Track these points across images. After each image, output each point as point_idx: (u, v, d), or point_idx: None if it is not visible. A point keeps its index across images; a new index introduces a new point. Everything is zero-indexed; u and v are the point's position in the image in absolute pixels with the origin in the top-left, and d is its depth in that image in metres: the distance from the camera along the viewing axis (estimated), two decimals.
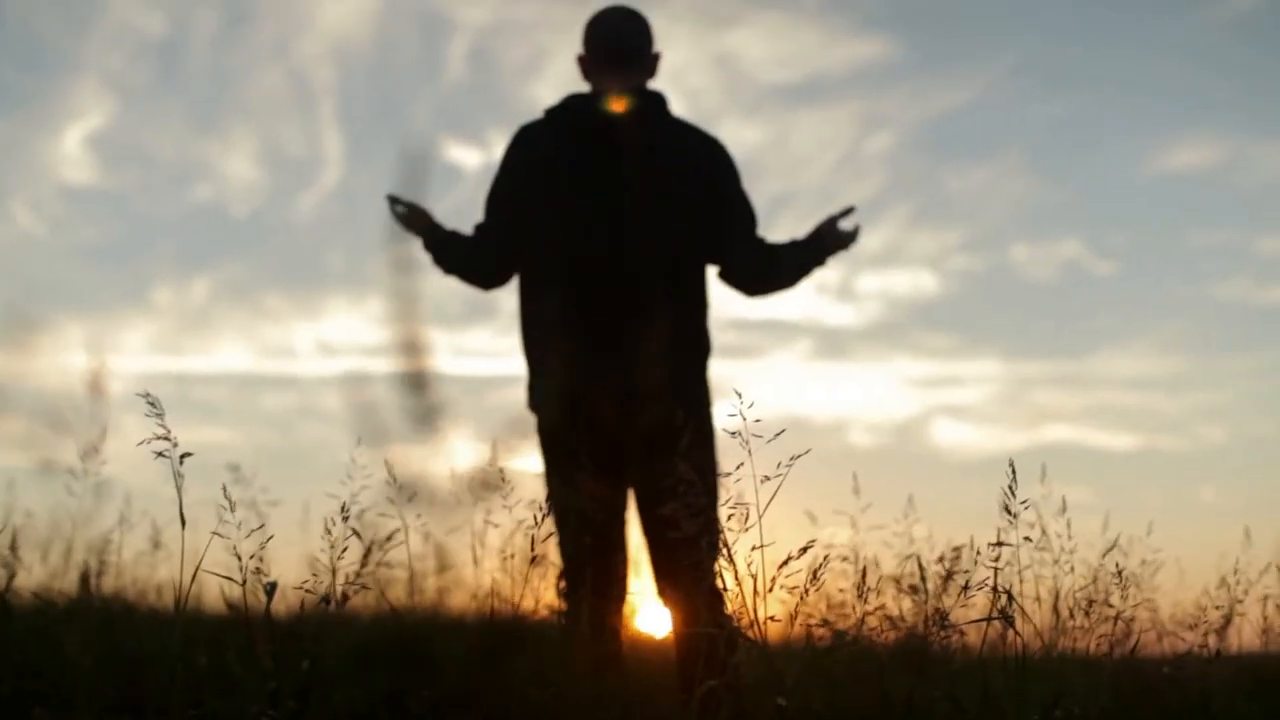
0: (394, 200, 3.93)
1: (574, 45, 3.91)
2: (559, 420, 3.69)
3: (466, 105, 11.28)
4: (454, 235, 3.91)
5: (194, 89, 11.36)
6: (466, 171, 10.73)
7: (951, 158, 12.09)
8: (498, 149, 3.88)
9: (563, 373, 3.69)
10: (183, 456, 2.74)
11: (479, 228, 3.87)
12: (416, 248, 3.92)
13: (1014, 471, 3.07)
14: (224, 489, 2.87)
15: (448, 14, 11.30)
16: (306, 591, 3.05)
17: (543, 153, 3.81)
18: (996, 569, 3.07)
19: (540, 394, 3.76)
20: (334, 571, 3.05)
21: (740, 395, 4.32)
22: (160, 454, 2.73)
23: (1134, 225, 11.79)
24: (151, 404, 2.76)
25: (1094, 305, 11.70)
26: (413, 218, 3.93)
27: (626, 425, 3.60)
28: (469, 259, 3.90)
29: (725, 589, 3.19)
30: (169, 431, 2.74)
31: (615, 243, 3.71)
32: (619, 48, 3.87)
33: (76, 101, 11.21)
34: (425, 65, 11.42)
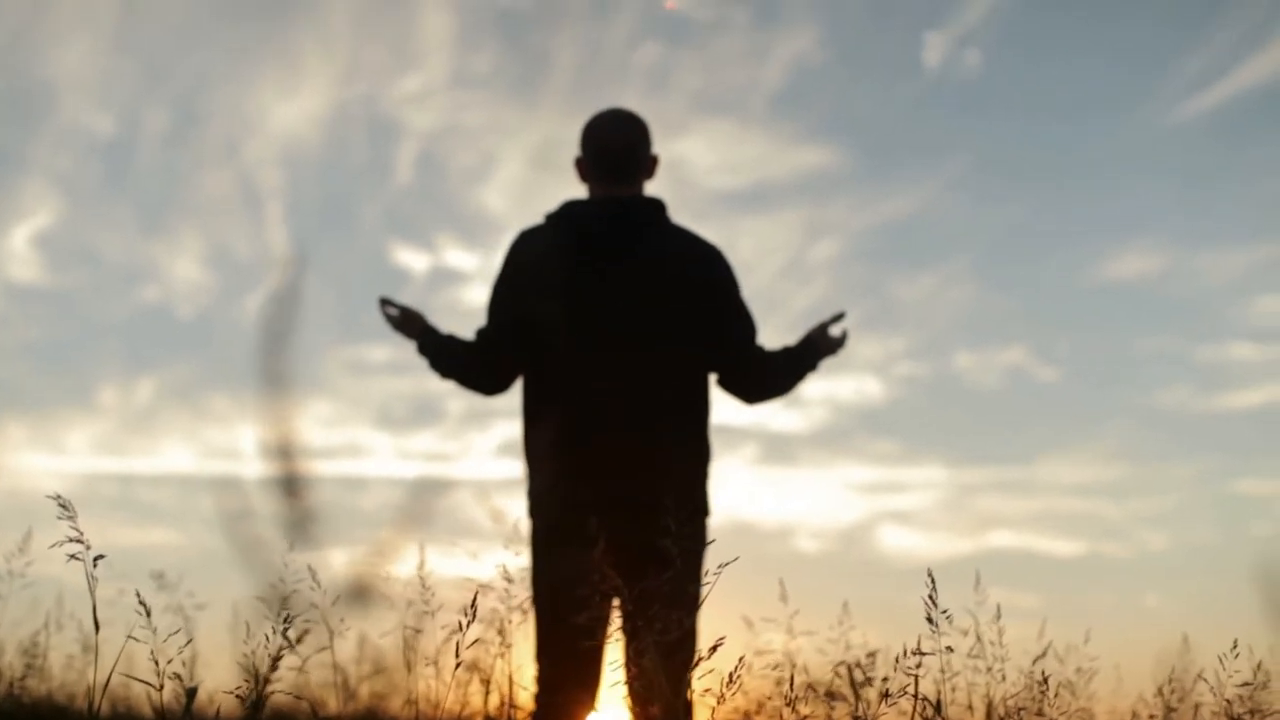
0: (386, 302, 3.92)
1: (522, 150, 3.95)
2: (559, 528, 3.67)
3: (415, 209, 11.32)
4: (451, 339, 3.90)
5: (142, 189, 11.37)
6: (414, 275, 10.76)
7: (897, 265, 12.19)
8: (446, 252, 3.91)
9: (564, 480, 3.67)
10: (96, 559, 2.71)
11: (480, 333, 3.86)
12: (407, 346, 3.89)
13: (933, 581, 3.08)
14: (138, 595, 2.84)
15: (397, 118, 11.36)
16: (234, 695, 3.02)
17: (543, 258, 3.80)
18: (916, 676, 3.07)
19: (541, 501, 3.74)
20: (259, 676, 3.02)
21: None
22: (73, 556, 2.71)
23: (1077, 332, 11.90)
24: (64, 506, 2.74)
25: (1038, 412, 11.77)
26: (405, 321, 3.92)
27: (627, 533, 3.55)
28: (469, 364, 3.88)
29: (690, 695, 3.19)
30: (81, 534, 2.72)
31: (616, 349, 3.71)
32: (616, 153, 3.88)
33: (24, 200, 11.19)
34: (374, 168, 11.47)
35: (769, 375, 3.94)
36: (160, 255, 11.42)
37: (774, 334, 4.01)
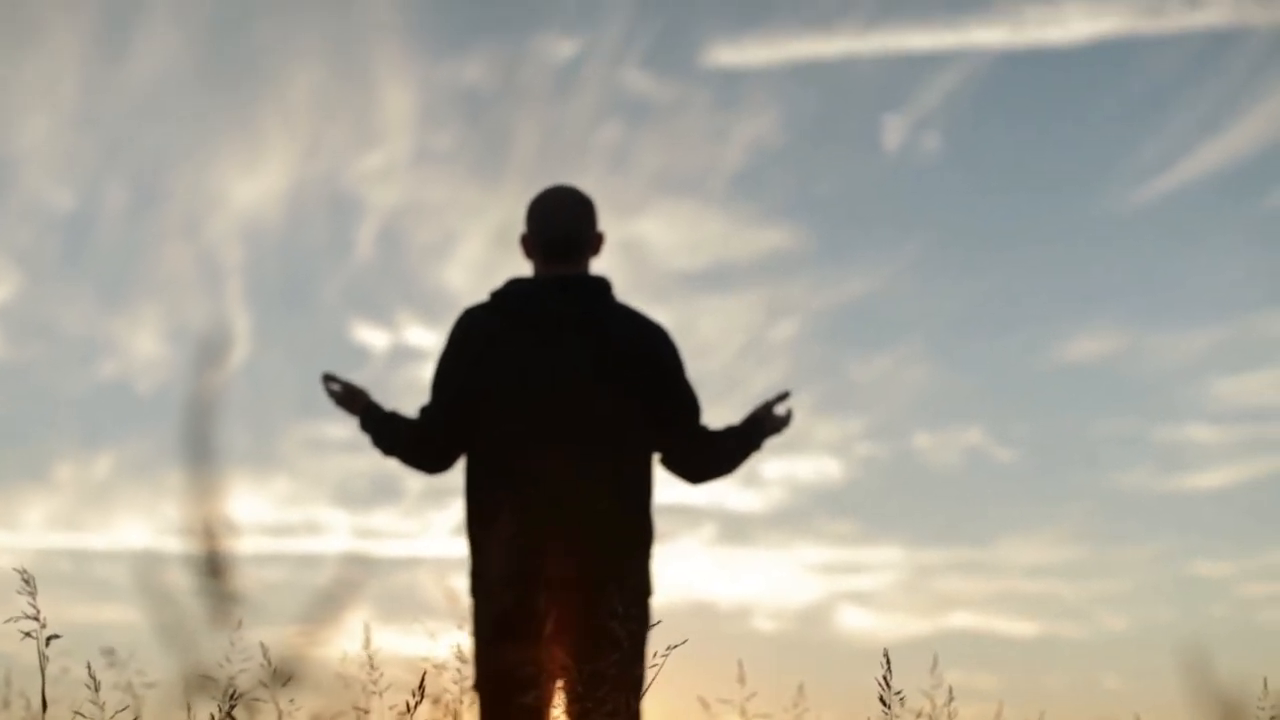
0: (329, 379, 3.91)
1: (483, 228, 3.96)
2: (502, 609, 3.66)
3: (375, 286, 11.32)
4: (393, 416, 3.88)
5: (102, 264, 11.34)
6: (374, 352, 10.75)
7: (856, 345, 12.24)
8: (406, 330, 3.91)
9: (508, 560, 3.66)
10: (49, 638, 2.70)
11: (423, 410, 3.84)
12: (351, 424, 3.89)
13: (888, 662, 3.09)
14: (89, 669, 2.83)
15: (358, 195, 11.38)
16: None
17: (487, 337, 3.79)
18: None
19: (485, 581, 3.73)
20: None
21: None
22: (28, 634, 2.70)
23: (1035, 413, 11.96)
24: (26, 581, 2.73)
25: (996, 493, 11.80)
26: (348, 397, 3.91)
27: (573, 614, 3.55)
28: (411, 442, 3.86)
29: None
30: (38, 611, 2.70)
31: (559, 429, 3.69)
32: (561, 231, 3.88)
33: None
34: (334, 245, 11.47)
35: (713, 455, 3.94)
36: (119, 330, 11.38)
37: (733, 414, 4.01)
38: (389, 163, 11.32)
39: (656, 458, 3.88)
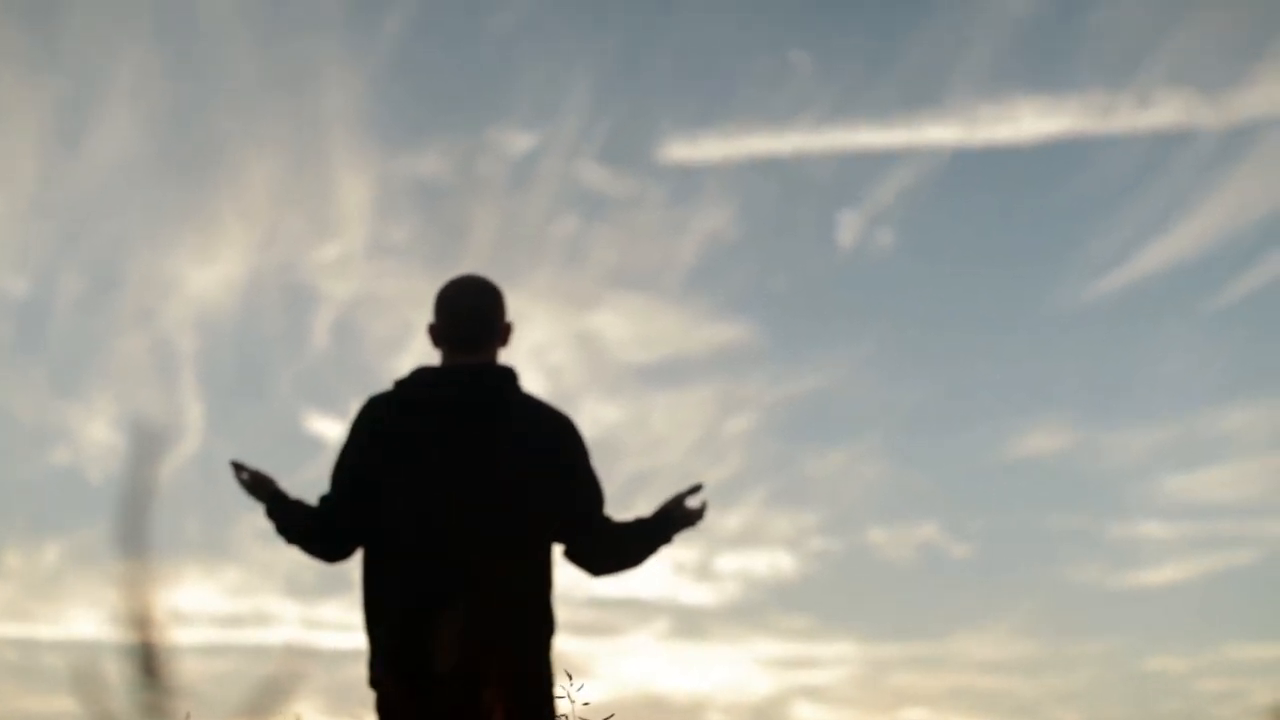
0: (238, 467, 3.89)
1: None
2: (398, 700, 3.62)
3: (329, 376, 11.30)
4: (298, 505, 3.86)
5: (56, 351, 11.29)
6: (327, 443, 10.69)
7: (810, 440, 12.28)
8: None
9: (403, 651, 3.62)
10: None
11: (323, 499, 3.83)
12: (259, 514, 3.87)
13: None
14: None
15: (314, 285, 11.40)
16: None
17: (389, 426, 3.78)
18: None
19: (381, 672, 3.69)
20: None
21: (570, 677, 4.29)
22: None
23: (989, 509, 12.01)
24: None
25: (950, 588, 11.82)
26: (256, 485, 3.89)
27: (467, 707, 3.52)
28: (310, 530, 3.84)
29: None
30: None
31: (459, 519, 3.67)
32: (468, 321, 3.87)
33: None
34: (290, 335, 11.46)
35: (616, 547, 3.91)
36: (72, 417, 11.31)
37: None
38: (345, 254, 11.35)
39: (558, 549, 3.86)
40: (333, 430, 10.72)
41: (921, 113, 11.60)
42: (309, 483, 3.91)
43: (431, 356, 3.91)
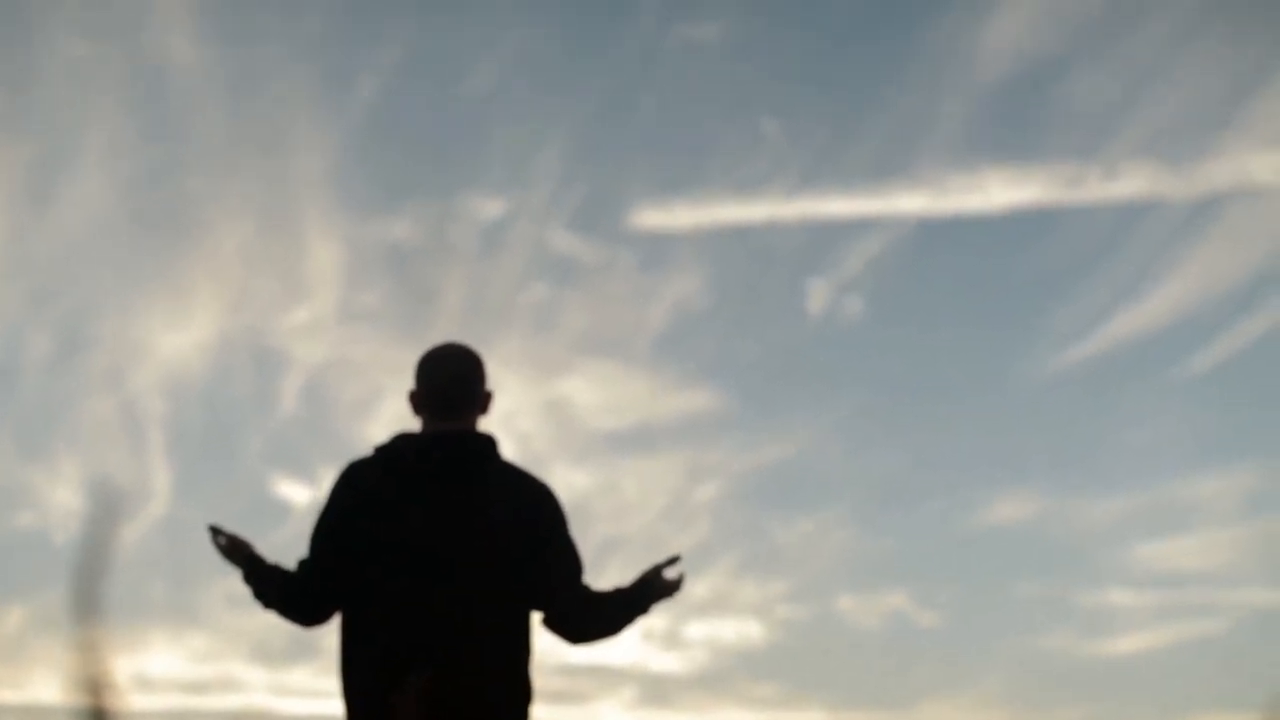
0: (215, 531, 3.88)
1: (407, 386, 3.92)
2: None
3: (298, 441, 11.26)
4: (275, 569, 3.85)
5: (23, 413, 11.21)
6: (295, 507, 10.65)
7: (778, 508, 12.27)
8: (328, 485, 3.85)
9: (379, 717, 3.60)
10: None
11: (301, 564, 3.81)
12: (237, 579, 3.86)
13: None
14: None
15: (284, 349, 11.37)
16: None
17: (369, 492, 3.77)
18: None
19: None
20: None
21: None
22: None
23: (958, 577, 12.00)
24: None
25: (919, 656, 11.79)
26: (233, 549, 3.87)
27: None
28: (289, 595, 3.83)
29: None
30: None
31: (437, 586, 3.66)
32: (449, 387, 3.88)
33: None
34: (259, 399, 11.42)
35: (594, 617, 3.91)
36: (38, 480, 11.22)
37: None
38: (315, 318, 11.33)
39: (537, 618, 3.85)
40: (301, 494, 10.68)
41: (891, 182, 11.68)
42: (277, 547, 3.89)
43: (400, 422, 3.90)
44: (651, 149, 11.96)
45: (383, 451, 3.85)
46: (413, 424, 3.91)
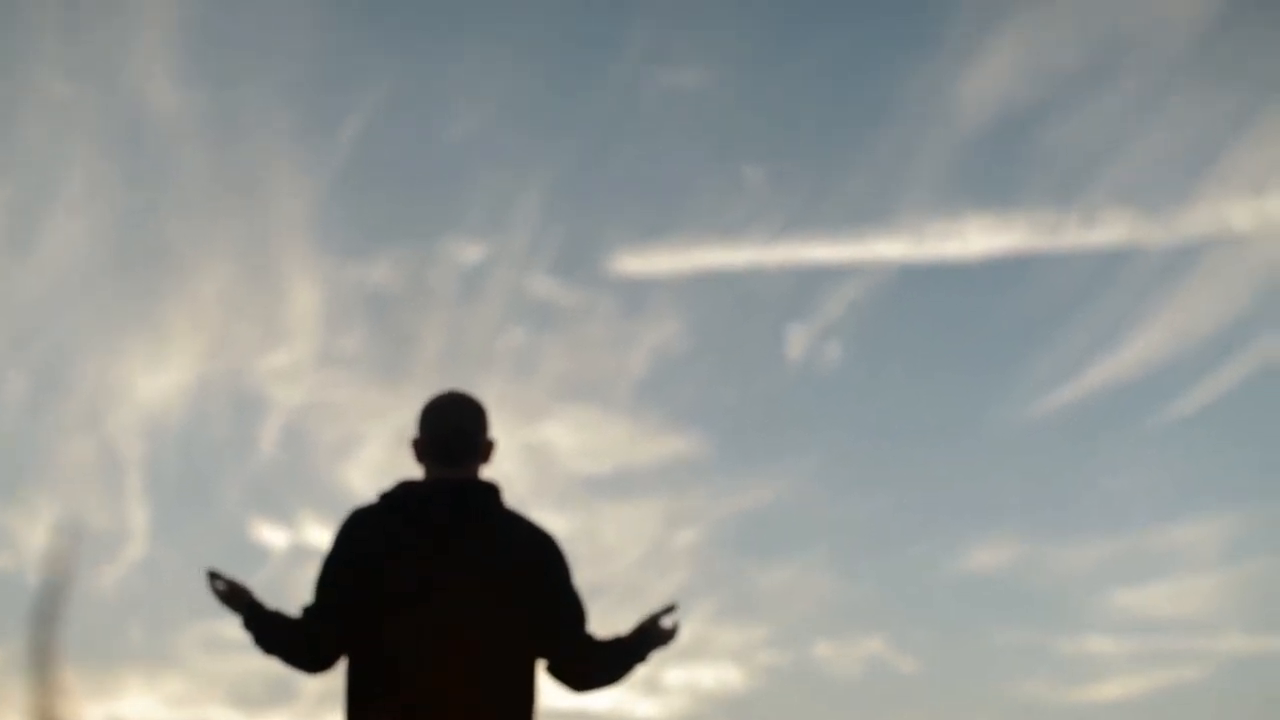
0: (214, 576, 3.85)
1: (386, 430, 3.94)
2: None
3: (277, 484, 11.21)
4: (276, 615, 3.83)
5: (0, 455, 11.14)
6: (274, 551, 10.60)
7: (757, 553, 12.25)
8: (306, 529, 3.86)
9: None
10: None
11: (307, 610, 3.80)
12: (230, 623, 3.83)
13: None
14: None
15: (263, 392, 11.33)
16: None
17: (374, 540, 3.78)
18: None
19: None
20: None
21: None
22: None
23: (936, 623, 11.98)
24: None
25: (898, 702, 11.75)
26: (232, 595, 3.85)
27: None
28: (293, 641, 3.81)
29: None
30: None
31: (443, 634, 3.67)
32: (453, 436, 3.90)
33: None
34: (238, 442, 11.38)
35: (598, 665, 3.92)
36: (14, 522, 11.14)
37: (633, 620, 3.97)
38: (294, 361, 11.31)
39: (541, 665, 3.84)
40: (279, 538, 10.63)
41: (870, 228, 11.72)
42: (255, 590, 3.86)
43: (380, 466, 3.93)
44: (632, 194, 12.00)
45: (387, 498, 3.86)
46: (390, 468, 3.91)
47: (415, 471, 3.93)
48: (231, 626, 3.89)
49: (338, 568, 3.79)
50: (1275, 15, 11.07)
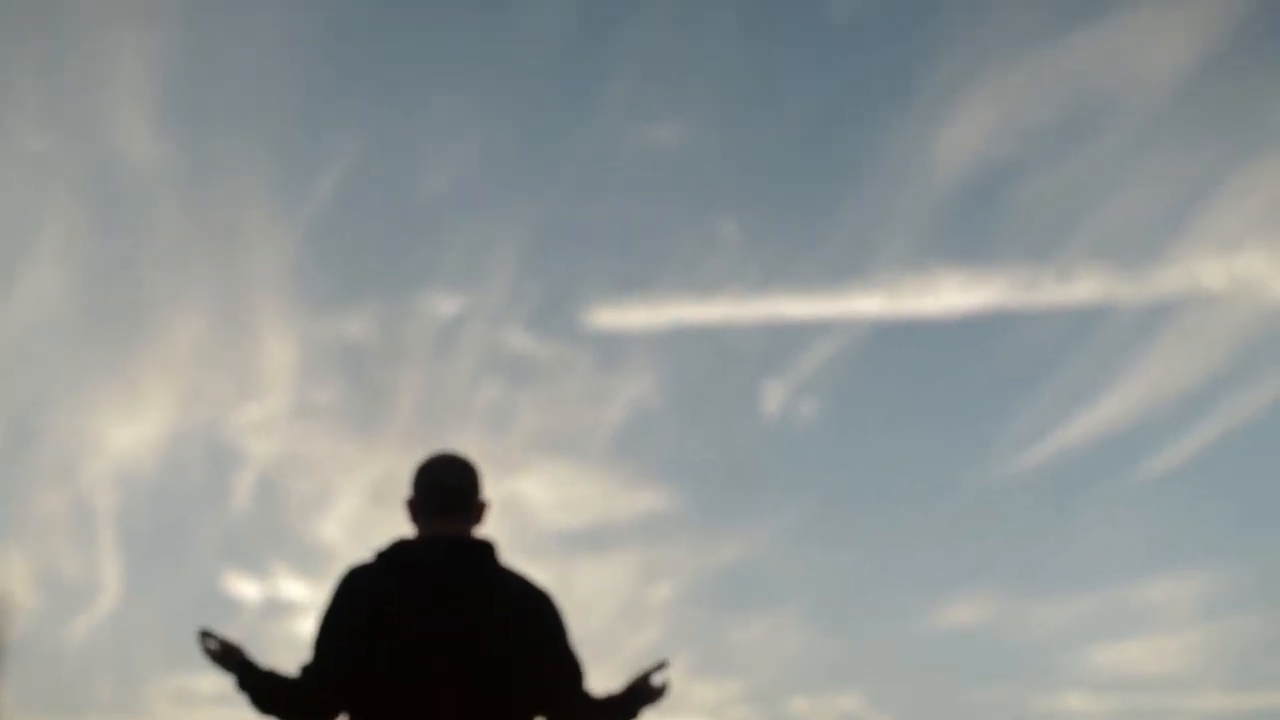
0: (206, 635, 3.83)
1: (361, 483, 3.92)
2: None
3: (250, 537, 11.16)
4: (271, 675, 3.81)
5: None
6: (247, 603, 10.53)
7: (732, 609, 12.22)
8: (280, 581, 3.84)
9: None
10: None
11: (305, 669, 3.78)
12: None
13: None
14: None
15: (236, 445, 11.29)
16: None
17: (372, 597, 3.77)
18: None
19: None
20: None
21: None
22: None
23: (912, 679, 11.94)
24: None
25: None
26: (225, 655, 3.83)
27: None
28: (292, 700, 3.79)
29: None
30: None
31: (442, 690, 3.67)
32: (447, 494, 3.91)
33: None
34: (211, 494, 11.33)
35: None
36: None
37: (608, 677, 4.01)
38: (269, 414, 11.27)
39: None
40: (252, 590, 10.56)
41: (846, 284, 11.76)
42: None
43: (352, 520, 3.91)
44: (608, 248, 12.02)
45: (383, 557, 3.86)
46: (365, 521, 3.92)
47: (387, 521, 3.93)
48: (202, 680, 3.87)
49: (335, 626, 3.78)
50: (1247, 75, 11.17)
